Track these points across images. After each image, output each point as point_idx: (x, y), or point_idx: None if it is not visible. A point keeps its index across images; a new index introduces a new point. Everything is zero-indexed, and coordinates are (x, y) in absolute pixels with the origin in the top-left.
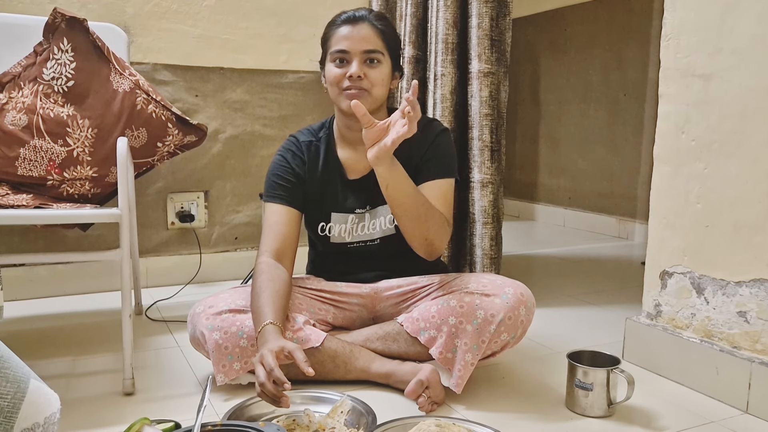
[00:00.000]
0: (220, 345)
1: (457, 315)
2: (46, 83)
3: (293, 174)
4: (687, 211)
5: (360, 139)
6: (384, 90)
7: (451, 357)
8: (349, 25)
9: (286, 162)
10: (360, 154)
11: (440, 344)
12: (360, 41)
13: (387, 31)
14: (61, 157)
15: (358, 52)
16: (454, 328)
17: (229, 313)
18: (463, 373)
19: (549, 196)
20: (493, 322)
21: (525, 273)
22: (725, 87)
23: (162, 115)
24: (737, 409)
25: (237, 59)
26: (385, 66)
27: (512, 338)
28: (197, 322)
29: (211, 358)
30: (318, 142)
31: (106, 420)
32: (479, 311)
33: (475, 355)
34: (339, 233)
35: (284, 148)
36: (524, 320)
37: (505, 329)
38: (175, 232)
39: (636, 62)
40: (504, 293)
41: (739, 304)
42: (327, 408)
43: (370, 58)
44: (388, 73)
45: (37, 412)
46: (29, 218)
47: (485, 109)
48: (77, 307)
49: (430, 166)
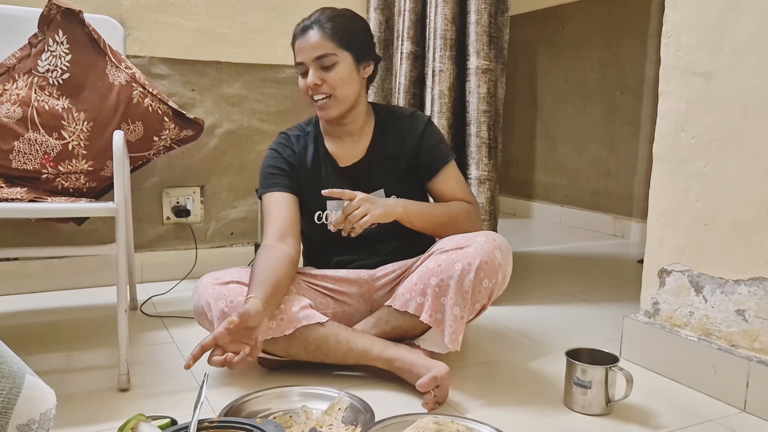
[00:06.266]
0: (225, 313)
1: (436, 274)
2: (41, 75)
3: (286, 163)
4: (686, 210)
5: (345, 133)
6: (350, 87)
7: (441, 317)
8: (301, 36)
9: (278, 153)
10: (347, 145)
11: (428, 307)
12: (310, 50)
13: (339, 28)
14: (56, 151)
15: (311, 60)
16: (437, 287)
17: (236, 284)
18: (456, 328)
19: (545, 193)
20: (471, 271)
21: (521, 270)
22: (726, 85)
23: (158, 108)
24: (735, 407)
25: (234, 53)
26: (343, 63)
27: (495, 284)
28: (203, 292)
29: (215, 326)
30: (306, 136)
31: (101, 416)
32: (456, 264)
33: (462, 308)
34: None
35: (275, 143)
36: (502, 263)
37: (485, 275)
38: (171, 226)
39: (633, 60)
40: (476, 242)
41: (738, 303)
42: (325, 405)
43: (323, 64)
44: (349, 69)
45: (32, 407)
46: (23, 212)
47: (483, 106)
48: (72, 302)
49: (432, 158)
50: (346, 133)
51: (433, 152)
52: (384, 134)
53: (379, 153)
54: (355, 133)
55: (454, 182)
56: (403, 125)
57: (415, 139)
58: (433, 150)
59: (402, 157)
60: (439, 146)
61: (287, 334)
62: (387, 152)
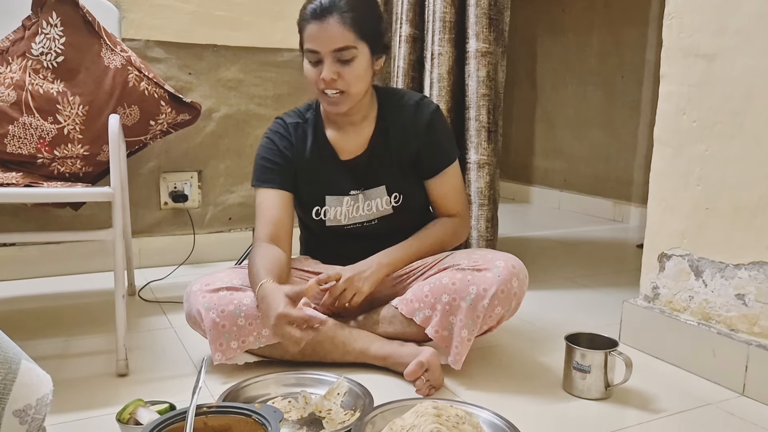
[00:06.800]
0: (217, 323)
1: (450, 292)
2: (35, 58)
3: (281, 156)
4: (687, 194)
5: (347, 123)
6: (363, 83)
7: (447, 335)
8: (317, 22)
9: (273, 144)
10: (349, 135)
11: (435, 323)
12: (329, 41)
13: (359, 18)
14: (52, 135)
15: (329, 52)
16: (448, 305)
17: (226, 290)
18: (461, 350)
19: (544, 178)
20: (486, 297)
21: (521, 255)
22: (729, 67)
23: (155, 92)
24: (734, 391)
25: (231, 36)
26: (361, 58)
27: (507, 311)
28: (194, 300)
29: (208, 336)
30: (305, 123)
31: (99, 401)
32: (471, 287)
33: (471, 330)
34: (335, 216)
35: (271, 131)
36: (517, 292)
37: (499, 303)
38: (168, 212)
39: (634, 44)
40: (495, 267)
41: (738, 287)
42: (324, 390)
43: (342, 57)
44: (366, 64)
45: (29, 393)
46: (19, 196)
47: (483, 89)
48: (69, 288)
49: (433, 158)
50: (348, 122)
51: (436, 152)
52: (387, 125)
53: (380, 146)
54: (358, 122)
55: (449, 187)
56: (407, 116)
57: (419, 133)
58: (435, 150)
59: (404, 152)
60: (443, 145)
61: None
62: (389, 146)
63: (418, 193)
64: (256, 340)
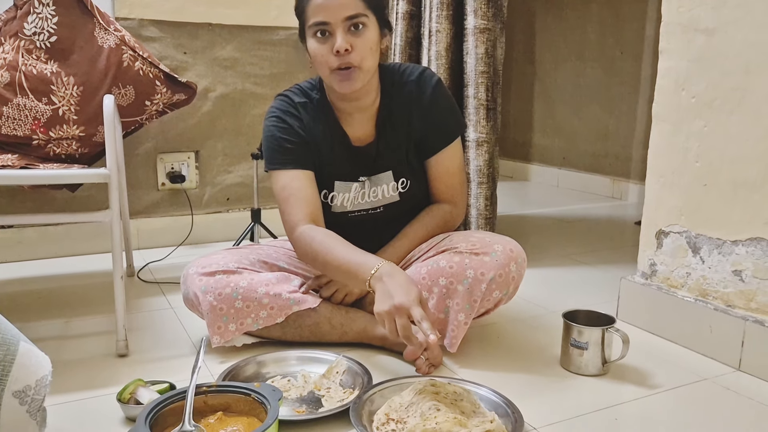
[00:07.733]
0: (214, 307)
1: (447, 276)
2: (27, 38)
3: (296, 134)
4: (685, 170)
5: (355, 108)
6: (374, 58)
7: (443, 317)
8: None
9: (284, 123)
10: (357, 122)
11: (432, 305)
12: (339, 8)
13: None
14: (46, 116)
15: (340, 21)
16: (444, 288)
17: (223, 274)
18: (457, 333)
19: (543, 156)
20: (483, 281)
21: (519, 233)
22: (728, 42)
23: (150, 72)
24: (730, 366)
25: (226, 15)
26: (372, 28)
27: (504, 295)
28: (190, 283)
29: (206, 319)
30: (312, 103)
31: (99, 381)
32: (469, 270)
33: (468, 314)
34: (341, 202)
35: (279, 110)
36: (515, 276)
37: (497, 287)
38: (166, 192)
39: (633, 20)
40: (493, 251)
41: (735, 263)
42: (322, 368)
43: (354, 24)
44: (377, 36)
45: (28, 374)
46: (15, 178)
47: (481, 67)
48: (68, 269)
49: (437, 136)
50: (356, 108)
51: (440, 128)
52: (391, 106)
53: (387, 130)
54: (366, 107)
55: (446, 168)
56: (410, 93)
57: (423, 110)
58: (440, 126)
59: (410, 132)
60: (447, 120)
61: (279, 322)
62: (395, 128)
63: (423, 177)
64: (254, 322)
